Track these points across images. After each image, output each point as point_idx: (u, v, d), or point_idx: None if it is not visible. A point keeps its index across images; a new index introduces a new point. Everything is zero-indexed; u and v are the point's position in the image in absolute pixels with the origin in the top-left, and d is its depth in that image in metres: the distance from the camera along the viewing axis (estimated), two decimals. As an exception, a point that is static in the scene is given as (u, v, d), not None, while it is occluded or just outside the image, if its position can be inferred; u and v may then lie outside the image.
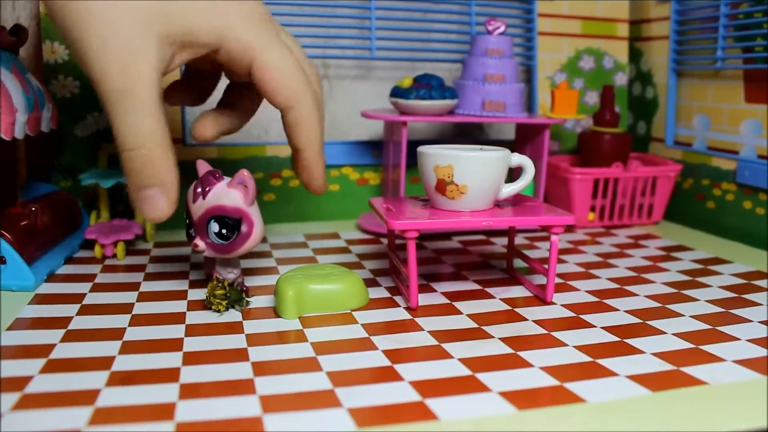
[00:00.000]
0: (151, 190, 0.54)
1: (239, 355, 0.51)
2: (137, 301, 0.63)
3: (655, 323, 0.59)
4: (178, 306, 0.62)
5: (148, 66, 0.51)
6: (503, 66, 0.86)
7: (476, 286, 0.68)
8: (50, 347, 0.52)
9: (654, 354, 0.52)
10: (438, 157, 0.62)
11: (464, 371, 0.48)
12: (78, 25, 0.51)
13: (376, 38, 0.96)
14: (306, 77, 0.58)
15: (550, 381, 0.47)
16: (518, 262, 0.75)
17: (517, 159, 0.65)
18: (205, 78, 0.68)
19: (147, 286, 0.67)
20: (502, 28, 0.87)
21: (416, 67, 1.00)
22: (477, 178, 0.61)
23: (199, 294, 0.65)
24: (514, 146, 0.98)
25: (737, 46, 0.88)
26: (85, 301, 0.62)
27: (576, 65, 1.06)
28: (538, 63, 1.04)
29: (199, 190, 0.61)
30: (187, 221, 0.63)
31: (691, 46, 0.96)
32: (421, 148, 0.64)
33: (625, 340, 0.55)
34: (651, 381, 0.47)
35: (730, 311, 0.62)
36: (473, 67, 0.87)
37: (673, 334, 0.56)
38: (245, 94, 0.65)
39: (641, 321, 0.59)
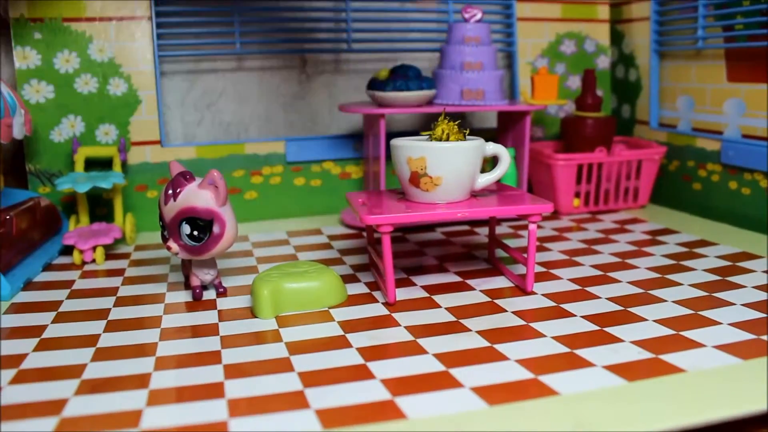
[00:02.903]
0: None
1: (213, 357, 0.50)
2: (114, 306, 0.62)
3: (637, 310, 0.58)
4: (155, 310, 0.61)
5: None
6: (481, 53, 0.85)
7: (457, 278, 0.68)
8: (22, 357, 0.51)
9: (633, 342, 0.51)
10: (410, 149, 0.61)
11: (438, 367, 0.48)
12: None
13: (352, 30, 0.95)
14: None
15: (525, 374, 0.46)
16: (501, 252, 0.74)
17: (492, 148, 0.64)
18: None
19: (125, 291, 0.66)
20: (479, 15, 0.86)
21: (395, 58, 0.99)
22: (451, 169, 0.61)
23: (177, 297, 0.64)
24: (495, 134, 0.97)
25: (718, 25, 0.87)
26: (62, 309, 0.62)
27: (557, 50, 1.05)
28: (518, 49, 1.02)
29: (170, 191, 0.60)
30: (161, 223, 0.62)
31: (672, 26, 0.95)
32: (394, 141, 0.63)
33: (605, 329, 0.54)
34: (628, 370, 0.46)
35: (714, 295, 0.61)
36: (451, 56, 0.86)
37: (654, 321, 0.56)
38: None
39: (622, 308, 0.59)
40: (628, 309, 0.58)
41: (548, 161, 0.92)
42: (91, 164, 0.86)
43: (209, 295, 0.65)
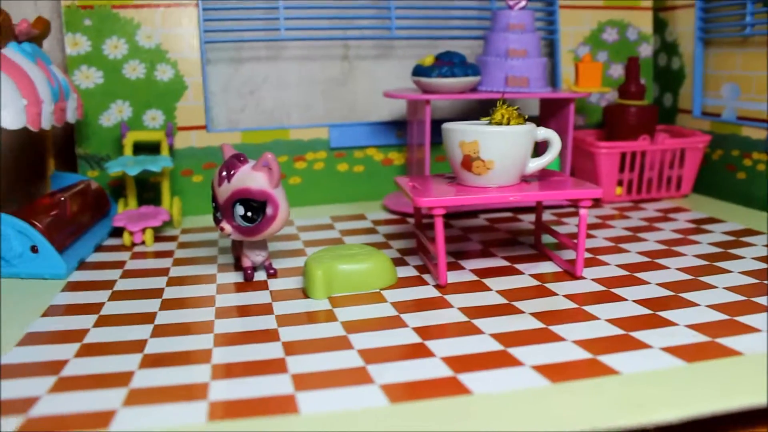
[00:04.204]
0: None
1: (270, 335, 0.51)
2: (167, 285, 0.63)
3: (688, 295, 0.58)
4: (207, 290, 0.62)
5: None
6: (525, 40, 0.85)
7: (505, 263, 0.68)
8: (84, 332, 0.52)
9: (687, 326, 0.51)
10: (463, 133, 0.61)
11: (496, 346, 0.48)
12: None
13: (395, 17, 0.95)
14: None
15: (583, 354, 0.47)
16: (546, 238, 0.75)
17: (543, 133, 0.64)
18: None
19: (176, 271, 0.68)
20: (523, 3, 0.86)
21: (437, 45, 0.99)
22: (503, 153, 0.61)
23: (227, 278, 0.65)
24: (538, 122, 0.97)
25: (766, 11, 0.86)
26: (116, 287, 0.63)
27: (599, 38, 1.04)
28: (560, 37, 1.02)
29: (224, 173, 0.61)
30: (214, 205, 0.63)
31: (718, 13, 0.94)
32: (446, 125, 0.63)
33: (658, 313, 0.54)
34: (686, 352, 0.47)
35: (765, 282, 0.61)
36: (495, 43, 0.86)
37: (706, 306, 0.55)
38: None
39: (673, 294, 0.59)
40: (679, 294, 0.58)
41: (591, 149, 0.91)
42: (138, 149, 0.87)
43: (259, 276, 0.66)
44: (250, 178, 0.61)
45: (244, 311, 0.57)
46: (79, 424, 0.39)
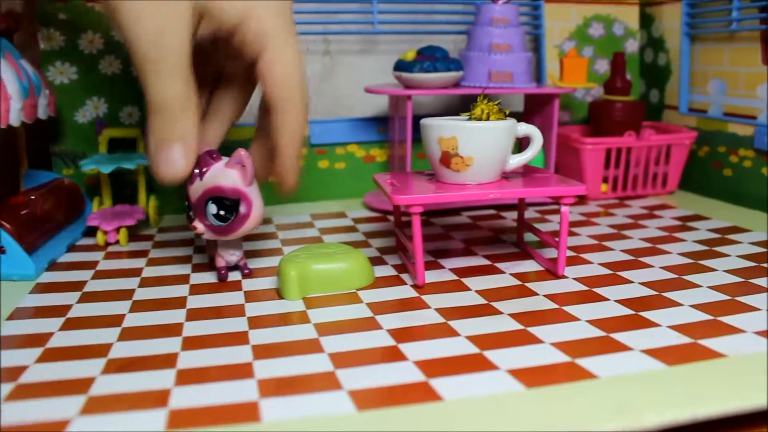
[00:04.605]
0: (168, 148, 0.56)
1: (240, 338, 0.50)
2: (139, 287, 0.62)
3: (671, 295, 0.57)
4: (180, 291, 0.60)
5: (178, 35, 0.53)
6: (509, 35, 0.84)
7: (486, 262, 0.66)
8: (48, 336, 0.51)
9: (670, 327, 0.50)
10: (441, 128, 0.59)
11: (471, 349, 0.47)
12: None
13: (378, 11, 0.94)
14: (303, 84, 0.61)
15: (561, 357, 0.45)
16: (529, 236, 0.73)
17: (524, 129, 0.63)
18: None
19: (149, 272, 0.66)
20: (507, -4, 0.84)
21: (420, 40, 0.97)
22: (483, 150, 0.59)
23: (201, 278, 0.63)
24: (522, 117, 0.96)
25: (754, 6, 0.85)
26: (86, 289, 0.61)
27: (585, 33, 1.03)
28: (545, 31, 1.01)
29: (197, 170, 0.59)
30: (186, 203, 0.62)
31: (705, 8, 0.93)
32: (424, 120, 0.62)
33: (640, 313, 0.53)
34: (667, 355, 0.45)
35: (750, 281, 0.60)
36: (478, 37, 0.85)
37: (690, 306, 0.54)
38: (239, 89, 0.68)
39: (657, 293, 0.57)
40: (663, 294, 0.57)
41: (576, 145, 0.90)
42: (115, 146, 0.85)
43: (234, 276, 0.64)
44: (223, 175, 0.59)
45: (215, 313, 0.55)
46: (31, 434, 0.37)
